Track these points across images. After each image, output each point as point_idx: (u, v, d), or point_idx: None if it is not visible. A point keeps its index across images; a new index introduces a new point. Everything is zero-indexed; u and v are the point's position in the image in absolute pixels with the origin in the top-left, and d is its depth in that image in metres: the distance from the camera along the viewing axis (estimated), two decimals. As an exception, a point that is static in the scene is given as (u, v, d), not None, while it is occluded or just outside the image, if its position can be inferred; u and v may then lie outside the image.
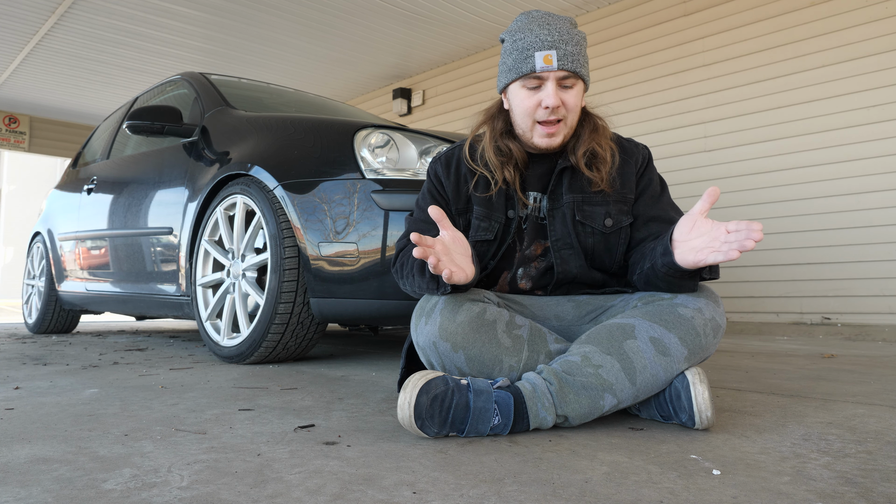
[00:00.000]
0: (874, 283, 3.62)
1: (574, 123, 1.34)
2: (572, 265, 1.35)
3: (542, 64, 1.27)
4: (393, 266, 1.38)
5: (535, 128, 1.32)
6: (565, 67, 1.27)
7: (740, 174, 4.16)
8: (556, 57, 1.26)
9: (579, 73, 1.29)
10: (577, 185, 1.36)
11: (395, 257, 1.38)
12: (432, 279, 1.21)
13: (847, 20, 3.78)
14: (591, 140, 1.34)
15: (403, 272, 1.32)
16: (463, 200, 1.40)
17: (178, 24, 5.37)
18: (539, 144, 1.33)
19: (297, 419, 1.25)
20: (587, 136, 1.35)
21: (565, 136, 1.34)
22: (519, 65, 1.30)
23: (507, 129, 1.38)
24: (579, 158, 1.33)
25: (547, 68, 1.27)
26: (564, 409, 1.11)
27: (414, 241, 1.07)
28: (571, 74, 1.29)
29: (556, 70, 1.27)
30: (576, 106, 1.32)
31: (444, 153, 1.47)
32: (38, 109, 7.96)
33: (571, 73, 1.28)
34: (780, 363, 2.30)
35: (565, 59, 1.27)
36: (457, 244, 1.19)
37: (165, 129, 2.60)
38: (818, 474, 0.89)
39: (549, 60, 1.26)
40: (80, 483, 0.84)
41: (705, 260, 1.09)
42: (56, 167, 14.36)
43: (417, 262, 1.25)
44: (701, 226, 1.12)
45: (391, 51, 5.99)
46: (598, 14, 5.01)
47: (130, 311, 3.11)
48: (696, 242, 1.12)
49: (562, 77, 1.28)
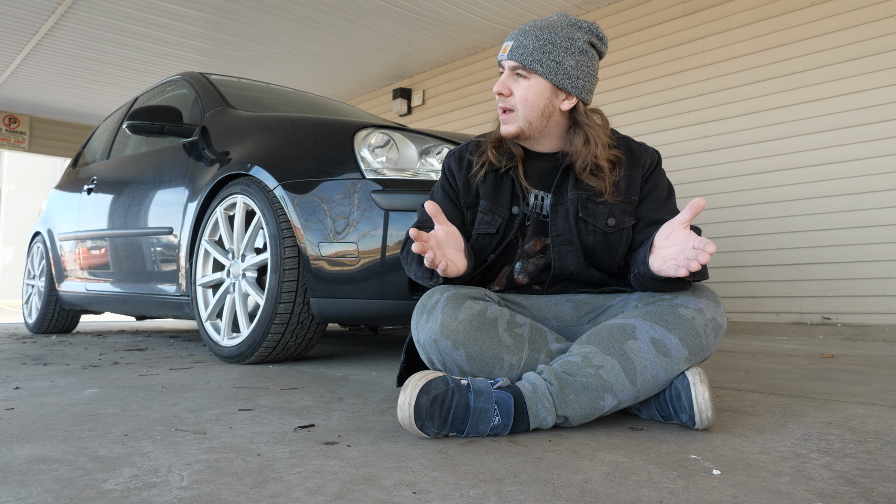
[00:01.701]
0: (874, 283, 3.62)
1: (532, 117, 1.34)
2: (570, 262, 1.35)
3: (501, 53, 1.37)
4: (401, 252, 1.44)
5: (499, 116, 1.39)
6: (513, 58, 1.33)
7: (740, 174, 4.16)
8: (510, 48, 1.34)
9: (530, 68, 1.31)
10: (583, 183, 1.36)
11: (404, 243, 1.43)
12: (427, 270, 1.29)
13: (847, 20, 3.78)
14: (587, 152, 1.33)
15: (408, 259, 1.38)
16: (472, 194, 1.43)
17: (178, 24, 5.37)
18: (501, 133, 1.38)
19: (297, 419, 1.25)
20: (580, 148, 1.34)
21: (521, 128, 1.35)
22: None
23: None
24: (578, 168, 1.34)
25: (501, 57, 1.36)
26: (565, 410, 1.11)
27: (412, 237, 1.14)
28: (520, 66, 1.33)
29: (507, 59, 1.34)
30: (525, 99, 1.33)
31: (459, 148, 1.51)
32: (38, 109, 7.96)
33: (520, 64, 1.32)
34: (780, 363, 2.30)
35: (516, 50, 1.33)
36: (450, 238, 1.26)
37: (165, 129, 2.60)
38: (818, 474, 0.89)
39: (505, 50, 1.35)
40: (80, 483, 0.84)
41: (666, 271, 1.12)
42: (56, 167, 14.37)
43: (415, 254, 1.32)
44: (677, 235, 1.15)
45: (391, 51, 5.99)
46: (598, 14, 5.01)
47: (130, 311, 3.11)
48: (668, 252, 1.16)
49: (512, 67, 1.34)
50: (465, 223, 1.42)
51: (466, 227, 1.42)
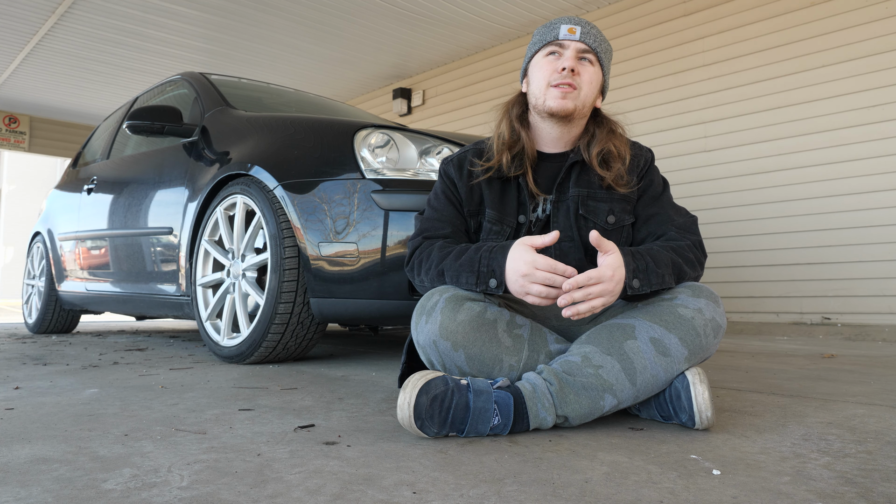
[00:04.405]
0: (874, 283, 3.62)
1: (587, 102, 1.36)
2: (571, 258, 1.35)
3: (566, 33, 1.35)
4: (407, 265, 1.39)
5: (548, 91, 1.34)
6: (586, 41, 1.35)
7: (740, 174, 4.16)
8: (580, 31, 1.35)
9: (598, 54, 1.36)
10: (585, 181, 1.37)
11: (409, 256, 1.38)
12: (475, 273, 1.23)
13: (847, 20, 3.78)
14: (608, 140, 1.37)
15: (422, 269, 1.33)
16: (475, 202, 1.40)
17: (178, 24, 5.37)
18: (552, 107, 1.34)
19: (297, 419, 1.25)
20: (604, 136, 1.38)
21: (576, 107, 1.34)
22: (544, 35, 1.38)
23: (521, 114, 1.42)
24: (593, 157, 1.36)
25: (570, 37, 1.35)
26: (564, 410, 1.11)
27: (548, 280, 1.14)
28: (591, 50, 1.35)
29: (578, 41, 1.35)
30: (590, 82, 1.36)
31: (456, 155, 1.47)
32: (38, 109, 7.96)
33: (591, 48, 1.35)
34: (780, 363, 2.30)
35: (588, 35, 1.36)
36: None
37: (165, 129, 2.60)
38: (818, 474, 0.89)
39: (573, 31, 1.35)
40: (80, 483, 0.84)
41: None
42: (56, 167, 14.37)
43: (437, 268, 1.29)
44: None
45: (391, 51, 5.99)
46: (598, 14, 5.01)
47: (130, 311, 3.11)
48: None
49: (582, 49, 1.35)
50: (468, 231, 1.41)
51: (471, 235, 1.41)
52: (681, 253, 1.27)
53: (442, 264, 1.28)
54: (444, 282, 1.28)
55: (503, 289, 1.19)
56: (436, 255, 1.30)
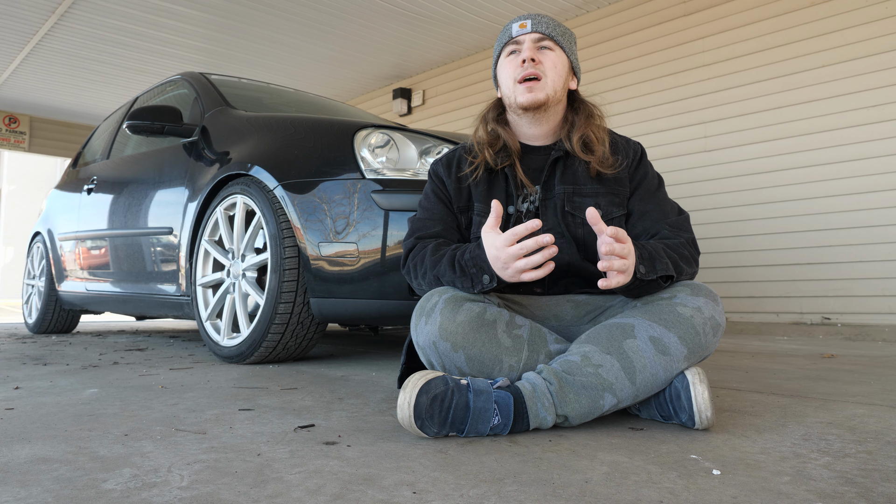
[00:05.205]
0: (874, 283, 3.62)
1: (557, 87, 1.38)
2: (564, 253, 1.36)
3: (518, 30, 1.41)
4: (403, 267, 1.39)
5: (516, 88, 1.38)
6: (539, 30, 1.40)
7: (740, 174, 4.16)
8: (531, 24, 1.40)
9: (555, 39, 1.40)
10: (570, 177, 1.38)
11: (405, 258, 1.39)
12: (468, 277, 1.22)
13: (847, 20, 3.78)
14: (587, 126, 1.40)
15: (417, 273, 1.33)
16: (464, 199, 1.42)
17: (178, 24, 5.37)
18: (522, 102, 1.37)
19: (297, 419, 1.25)
20: (582, 121, 1.41)
21: (548, 95, 1.37)
22: (501, 38, 1.45)
23: (498, 116, 1.46)
24: (574, 144, 1.38)
25: (522, 32, 1.41)
26: (564, 409, 1.11)
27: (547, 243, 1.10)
28: (546, 37, 1.40)
29: (531, 32, 1.40)
30: (554, 67, 1.38)
31: (445, 155, 1.51)
32: (38, 109, 7.96)
33: (547, 35, 1.40)
34: (780, 363, 2.30)
35: (539, 24, 1.40)
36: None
37: (165, 129, 2.60)
38: (818, 474, 0.89)
39: (524, 26, 1.41)
40: (80, 483, 0.84)
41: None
42: (56, 167, 14.37)
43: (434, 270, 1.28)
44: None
45: (391, 51, 5.99)
46: (598, 14, 5.01)
47: (130, 311, 3.11)
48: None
49: (537, 39, 1.39)
50: (460, 228, 1.42)
51: (462, 232, 1.42)
52: (676, 250, 1.28)
53: (436, 270, 1.28)
54: (440, 285, 1.28)
55: (497, 281, 1.19)
56: (429, 261, 1.30)
